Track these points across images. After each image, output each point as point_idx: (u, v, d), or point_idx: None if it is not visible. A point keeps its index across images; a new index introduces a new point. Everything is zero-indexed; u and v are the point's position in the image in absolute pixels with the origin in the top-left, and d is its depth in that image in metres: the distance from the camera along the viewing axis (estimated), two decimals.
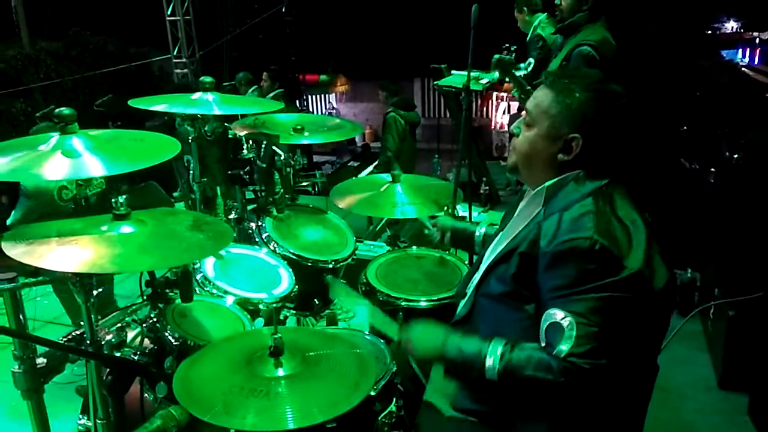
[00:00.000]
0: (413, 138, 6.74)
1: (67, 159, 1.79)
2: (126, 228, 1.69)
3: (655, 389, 1.73)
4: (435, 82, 5.44)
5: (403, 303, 2.39)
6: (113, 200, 1.68)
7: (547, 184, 1.64)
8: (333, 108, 16.96)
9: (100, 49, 10.81)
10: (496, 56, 5.11)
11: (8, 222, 3.60)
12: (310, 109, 15.80)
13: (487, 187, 5.27)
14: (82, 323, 1.79)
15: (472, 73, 3.29)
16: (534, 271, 1.57)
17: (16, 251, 1.59)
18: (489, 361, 1.55)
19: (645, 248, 1.51)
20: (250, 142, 2.83)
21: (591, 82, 1.59)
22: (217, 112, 2.50)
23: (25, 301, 1.92)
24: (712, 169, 4.71)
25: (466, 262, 2.74)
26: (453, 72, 5.34)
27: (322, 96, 16.93)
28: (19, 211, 3.58)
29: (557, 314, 1.48)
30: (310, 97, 15.97)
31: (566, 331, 1.46)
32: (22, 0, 10.29)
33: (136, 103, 2.48)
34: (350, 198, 2.82)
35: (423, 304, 2.38)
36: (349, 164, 9.44)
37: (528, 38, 5.38)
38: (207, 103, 2.54)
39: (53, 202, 3.47)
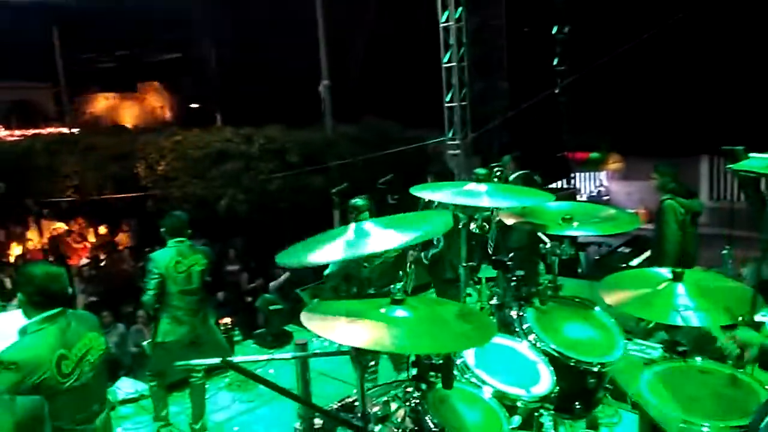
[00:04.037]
0: (694, 226, 6.04)
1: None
2: (401, 312, 1.83)
3: None
4: (728, 166, 4.84)
5: (681, 424, 2.10)
6: (391, 288, 1.83)
7: None
8: (603, 186, 16.24)
9: (386, 132, 12.17)
10: None
11: (325, 273, 4.36)
12: (578, 187, 15.37)
13: None
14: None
15: None
16: None
17: (312, 323, 1.82)
18: None
19: None
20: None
21: None
22: (487, 203, 2.58)
23: None
24: None
25: None
26: (751, 155, 4.70)
27: (592, 174, 16.40)
28: (334, 266, 4.24)
29: None
30: (578, 175, 15.59)
31: None
32: (329, 91, 12.26)
33: (416, 190, 2.71)
34: (620, 294, 2.61)
35: (705, 430, 2.05)
36: (618, 250, 8.80)
37: None
38: (479, 193, 2.65)
39: (358, 263, 4.04)
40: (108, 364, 6.51)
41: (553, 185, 12.85)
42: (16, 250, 11.05)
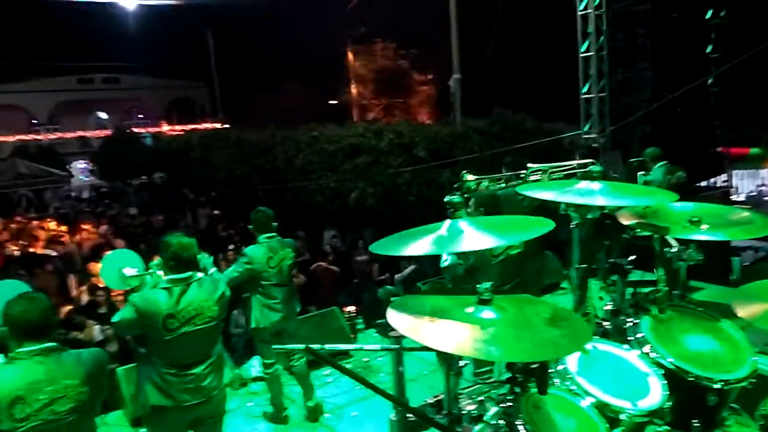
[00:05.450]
0: None
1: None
2: (487, 313, 1.78)
3: None
4: None
5: None
6: (477, 286, 1.79)
7: None
8: (764, 186, 14.60)
9: (518, 125, 11.83)
10: None
11: (441, 265, 4.19)
12: (734, 186, 13.94)
13: None
14: None
15: None
16: None
17: (398, 320, 1.83)
18: None
19: None
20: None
21: None
22: (599, 202, 2.42)
23: None
24: None
25: None
26: None
27: (752, 171, 14.81)
28: (452, 259, 4.11)
29: None
30: (735, 172, 14.15)
31: None
32: (459, 85, 12.17)
33: (523, 189, 2.62)
34: (757, 306, 2.34)
35: None
36: None
37: None
38: (591, 192, 2.49)
39: (484, 255, 3.91)
40: (246, 342, 6.95)
41: (704, 183, 11.79)
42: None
